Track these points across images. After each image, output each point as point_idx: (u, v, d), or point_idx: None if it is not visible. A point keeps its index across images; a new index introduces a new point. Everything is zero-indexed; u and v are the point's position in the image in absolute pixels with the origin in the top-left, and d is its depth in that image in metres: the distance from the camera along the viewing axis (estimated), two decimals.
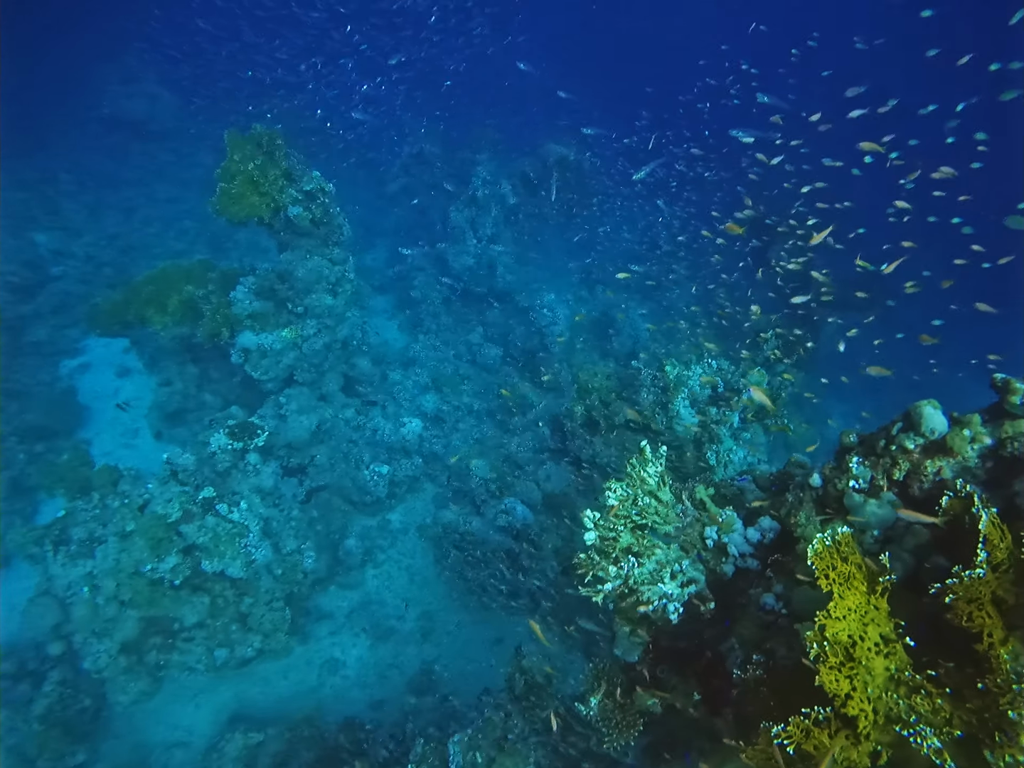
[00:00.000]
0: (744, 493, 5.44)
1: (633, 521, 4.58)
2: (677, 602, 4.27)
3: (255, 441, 9.39)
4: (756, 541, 4.50)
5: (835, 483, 4.08)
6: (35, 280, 15.50)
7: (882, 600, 3.19)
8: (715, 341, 19.46)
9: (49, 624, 8.19)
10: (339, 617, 11.18)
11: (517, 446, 11.97)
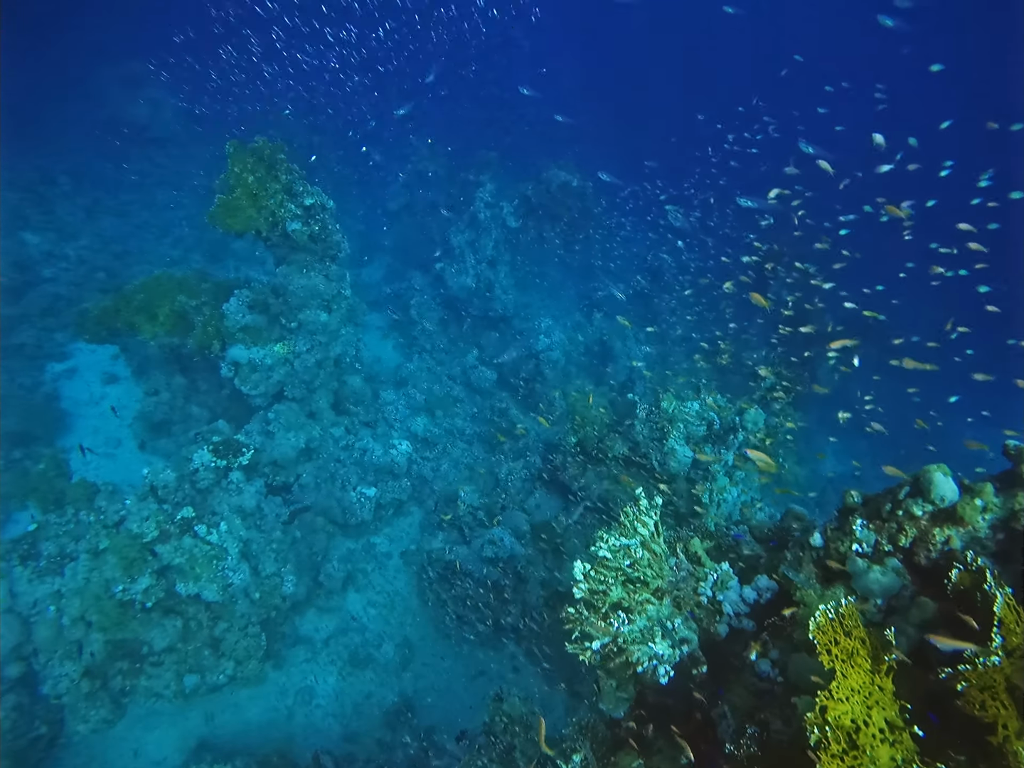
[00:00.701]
0: (740, 545, 5.27)
1: (625, 574, 4.38)
2: (668, 664, 4.06)
3: (239, 459, 9.14)
4: (752, 601, 4.31)
5: (837, 545, 3.91)
6: (23, 281, 15.27)
7: (887, 680, 3.00)
8: (710, 375, 19.49)
9: (9, 644, 7.84)
10: (316, 642, 10.85)
11: (507, 473, 11.75)
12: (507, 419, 14.36)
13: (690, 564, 4.63)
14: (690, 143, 22.07)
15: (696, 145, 20.88)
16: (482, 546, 10.36)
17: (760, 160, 17.41)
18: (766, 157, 17.15)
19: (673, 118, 31.27)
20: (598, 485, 10.97)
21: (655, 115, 32.80)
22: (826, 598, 3.72)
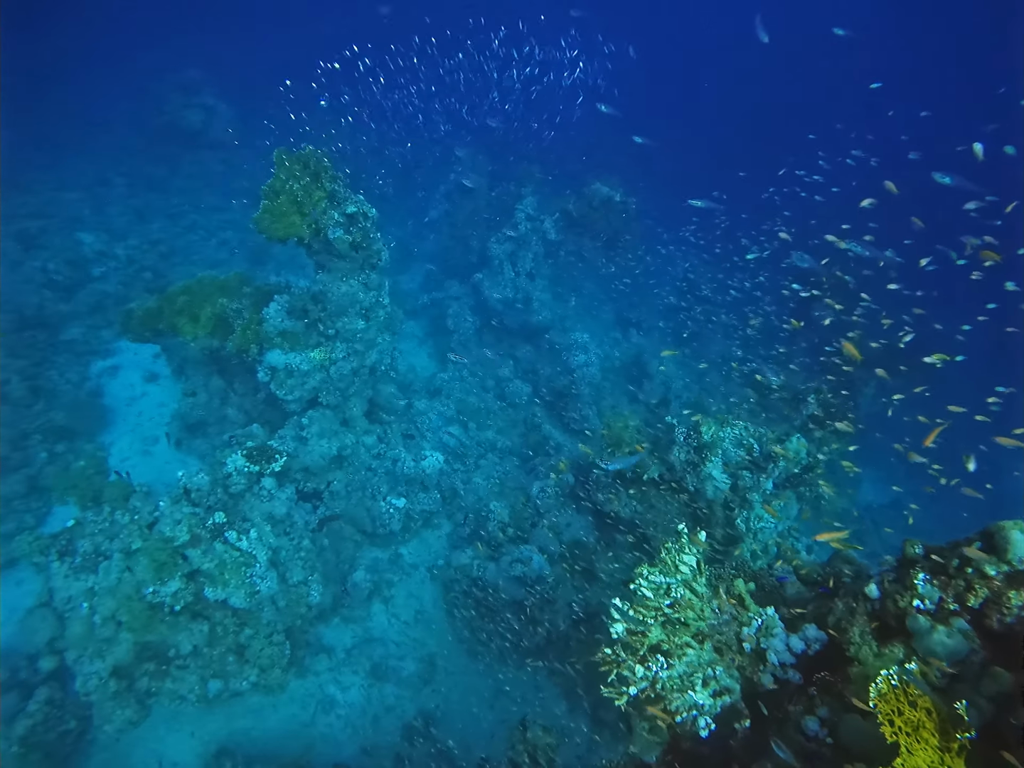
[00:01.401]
0: (784, 587, 5.00)
1: (664, 614, 4.17)
2: (708, 715, 3.83)
3: (272, 466, 9.15)
4: (800, 651, 4.05)
5: (896, 599, 3.64)
6: (76, 279, 15.71)
7: (959, 762, 2.74)
8: (749, 398, 19.02)
9: (44, 638, 7.95)
10: (339, 652, 10.79)
11: (539, 491, 11.56)
12: (540, 434, 14.19)
13: (733, 607, 4.39)
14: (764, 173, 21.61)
15: (770, 178, 20.41)
16: (511, 564, 10.18)
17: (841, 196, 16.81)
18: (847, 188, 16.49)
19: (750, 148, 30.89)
20: (630, 507, 10.71)
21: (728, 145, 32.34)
22: (883, 658, 3.46)
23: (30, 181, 18.77)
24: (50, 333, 14.49)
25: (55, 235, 16.89)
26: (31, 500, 11.55)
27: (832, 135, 19.37)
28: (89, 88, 25.72)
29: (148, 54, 28.51)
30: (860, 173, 16.88)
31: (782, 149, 22.61)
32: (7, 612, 10.33)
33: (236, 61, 29.98)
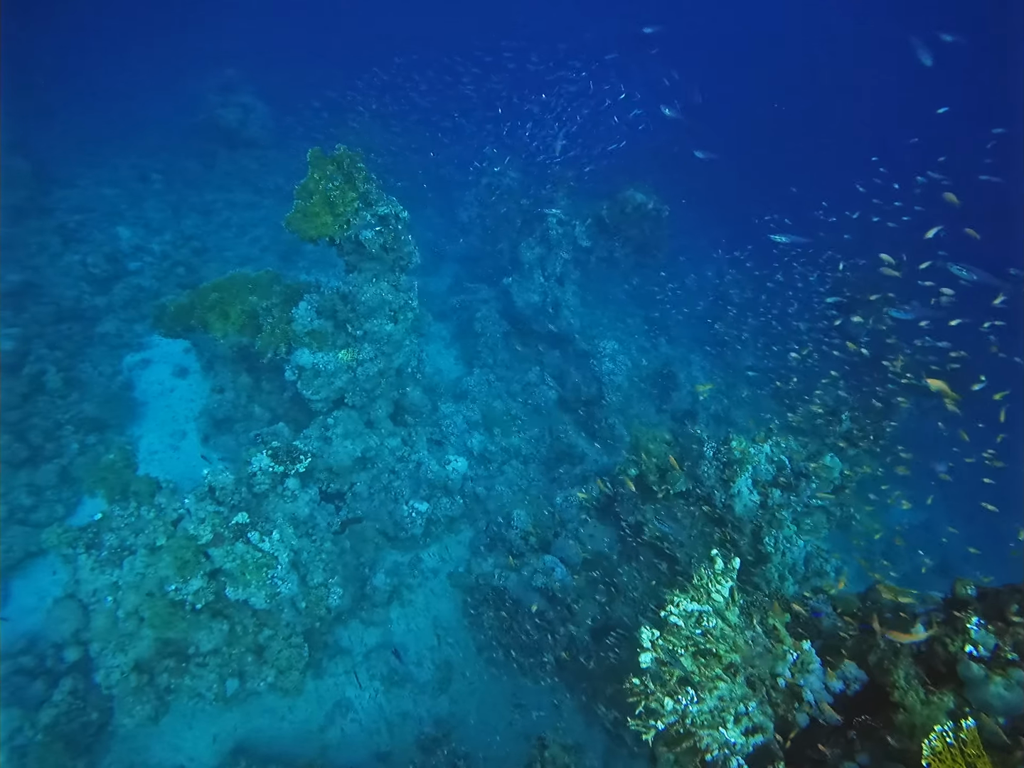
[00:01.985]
0: (821, 618, 4.79)
1: (696, 644, 4.00)
2: (740, 756, 3.65)
3: (296, 466, 9.14)
4: (838, 691, 3.85)
5: (946, 643, 3.43)
6: (113, 273, 15.96)
7: None
8: (779, 413, 18.65)
9: (70, 629, 8.04)
10: (357, 655, 10.75)
11: (563, 500, 11.41)
12: (565, 442, 14.02)
13: (767, 639, 4.20)
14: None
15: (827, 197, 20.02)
16: (532, 574, 10.04)
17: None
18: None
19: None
20: (656, 521, 10.50)
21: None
22: (932, 706, 3.26)
23: (72, 176, 19.16)
24: (86, 325, 14.74)
25: (94, 229, 17.21)
26: (62, 490, 11.73)
27: (895, 156, 18.72)
28: (131, 86, 26.26)
29: (188, 53, 29.03)
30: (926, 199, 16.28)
31: (844, 169, 22.12)
32: (39, 599, 10.51)
33: (274, 60, 30.40)
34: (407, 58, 22.98)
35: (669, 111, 13.18)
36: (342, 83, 25.83)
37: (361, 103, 23.39)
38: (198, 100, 21.57)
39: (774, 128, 35.22)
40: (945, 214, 11.53)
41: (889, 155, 19.63)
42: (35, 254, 15.76)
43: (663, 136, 20.13)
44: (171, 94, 25.09)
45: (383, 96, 23.62)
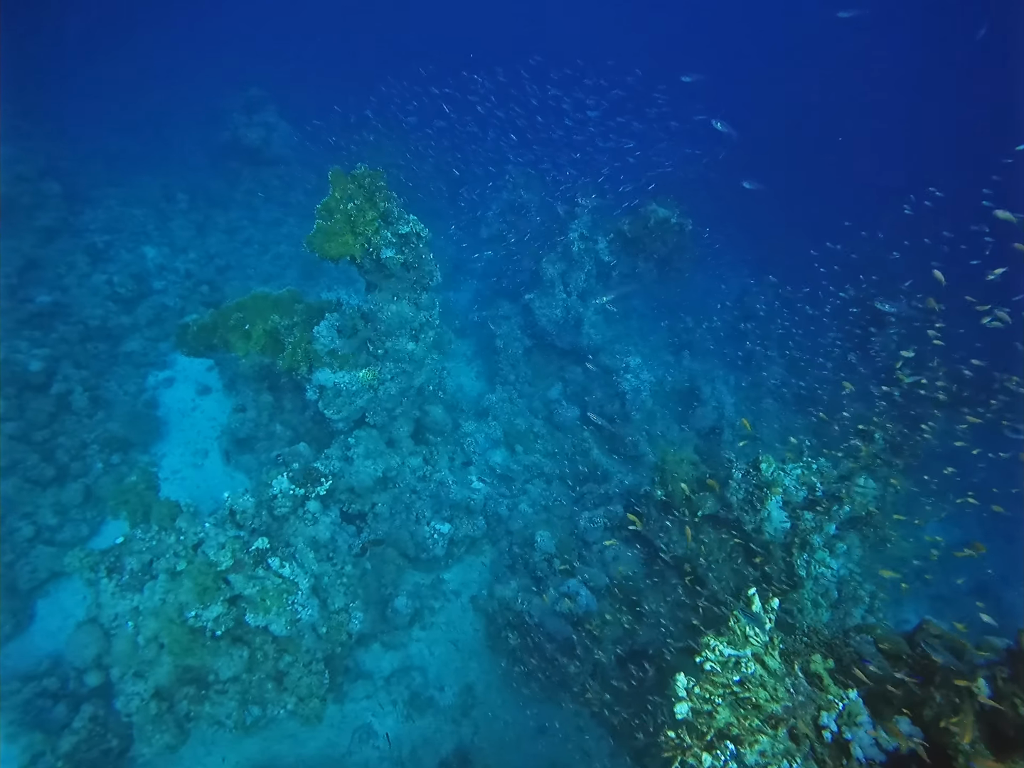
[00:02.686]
0: (867, 668, 4.51)
1: (734, 692, 3.77)
2: None
3: (317, 489, 9.05)
4: (892, 749, 3.59)
5: (1016, 705, 3.16)
6: (139, 292, 16.14)
7: None
8: (806, 428, 18.22)
9: (91, 654, 7.99)
10: (378, 679, 10.59)
11: (587, 522, 11.17)
12: (589, 460, 13.79)
13: (810, 686, 3.95)
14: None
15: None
16: (557, 599, 9.80)
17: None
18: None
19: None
20: (682, 544, 10.21)
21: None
22: None
23: (101, 196, 19.49)
24: (111, 344, 14.90)
25: (121, 249, 17.45)
26: (87, 509, 11.80)
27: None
28: (160, 106, 26.76)
29: (214, 73, 29.58)
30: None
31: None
32: (63, 620, 10.54)
33: (297, 78, 30.87)
34: (429, 72, 23.14)
35: (721, 126, 13.04)
36: (364, 99, 26.20)
37: (381, 119, 23.61)
38: (223, 119, 21.86)
39: (805, 152, 34.84)
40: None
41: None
42: (64, 274, 15.99)
43: (689, 168, 20.11)
44: (197, 114, 25.53)
45: (406, 111, 23.81)
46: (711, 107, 19.20)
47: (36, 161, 17.46)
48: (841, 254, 20.17)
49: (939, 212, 16.90)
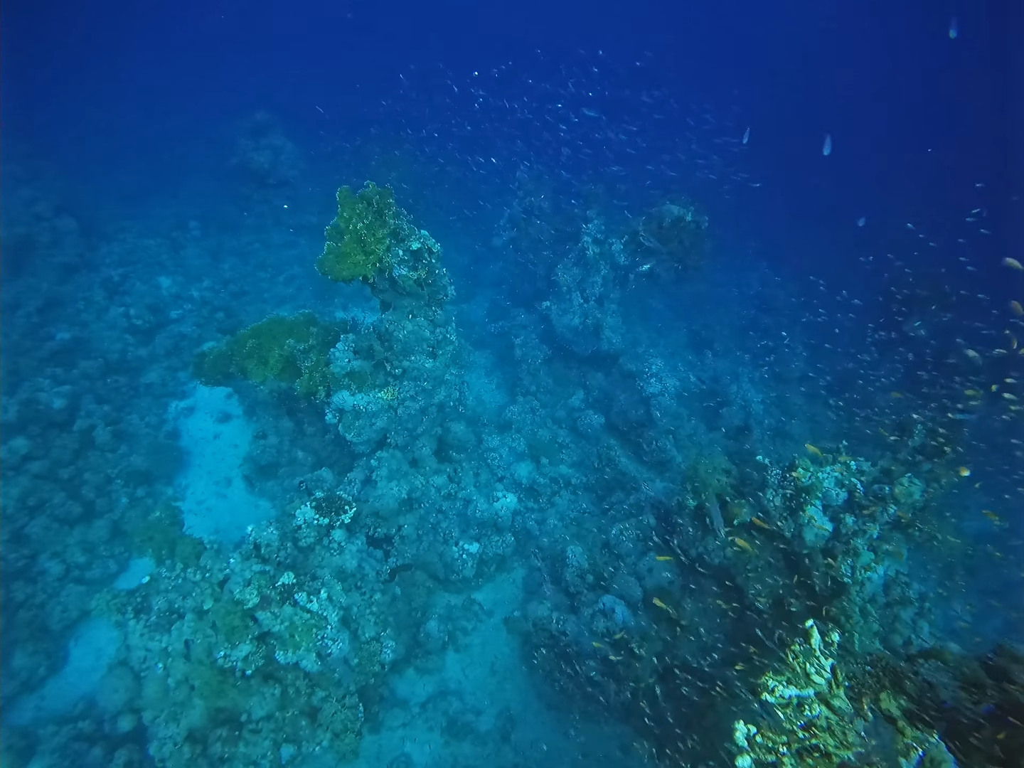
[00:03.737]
0: (934, 687, 4.17)
1: (800, 739, 3.47)
2: None
3: (342, 517, 8.87)
4: None
5: None
6: (155, 323, 16.19)
7: None
8: (838, 423, 17.70)
9: (122, 698, 7.87)
10: (413, 706, 10.36)
11: (618, 533, 10.86)
12: (616, 468, 13.48)
13: (883, 728, 3.63)
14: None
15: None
16: (592, 617, 9.50)
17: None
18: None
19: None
20: (720, 554, 9.86)
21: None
22: None
23: (115, 229, 19.65)
24: (131, 377, 14.92)
25: (137, 281, 17.54)
26: (114, 546, 11.76)
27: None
28: (168, 136, 27.06)
29: (221, 99, 29.86)
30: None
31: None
32: (96, 659, 10.46)
33: (301, 99, 31.03)
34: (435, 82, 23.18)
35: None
36: (371, 111, 26.27)
37: (391, 129, 23.62)
38: (230, 145, 21.91)
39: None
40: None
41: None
42: (83, 310, 16.11)
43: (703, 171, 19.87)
44: (205, 141, 25.71)
45: (414, 122, 23.84)
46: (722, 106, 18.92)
47: (52, 199, 17.63)
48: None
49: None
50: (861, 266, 21.08)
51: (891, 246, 18.87)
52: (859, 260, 23.02)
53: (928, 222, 18.52)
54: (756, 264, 22.99)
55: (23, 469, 11.82)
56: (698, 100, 21.83)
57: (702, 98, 21.86)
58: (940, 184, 29.70)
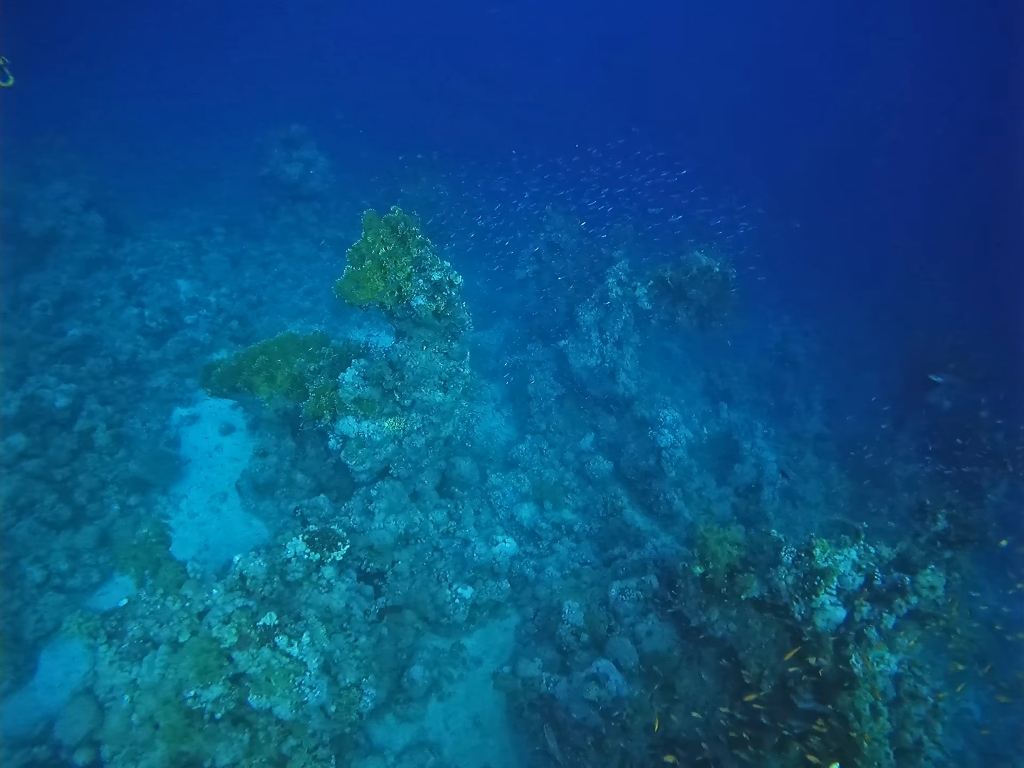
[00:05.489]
0: None
1: None
2: None
3: (334, 554, 8.50)
4: None
5: None
6: (169, 326, 16.05)
7: None
8: (853, 489, 17.16)
9: (83, 730, 7.46)
10: (389, 755, 9.83)
11: (618, 592, 10.39)
12: (621, 519, 13.04)
13: None
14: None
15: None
16: (584, 682, 9.00)
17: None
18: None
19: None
20: (724, 626, 9.37)
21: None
22: None
23: (141, 229, 19.68)
24: (139, 379, 14.74)
25: (156, 282, 17.46)
26: (100, 554, 11.42)
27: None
28: (204, 141, 27.35)
29: (260, 106, 30.21)
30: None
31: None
32: (66, 675, 10.02)
33: (338, 114, 31.40)
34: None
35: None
36: (409, 134, 26.41)
37: (423, 152, 23.67)
38: (264, 154, 21.99)
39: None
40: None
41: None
42: (98, 307, 16.01)
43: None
44: (240, 149, 25.89)
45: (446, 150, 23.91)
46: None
47: (82, 194, 17.66)
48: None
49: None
50: (888, 326, 20.67)
51: (924, 313, 18.50)
52: (885, 319, 22.58)
53: (963, 292, 18.19)
54: (779, 316, 22.65)
55: (17, 467, 11.57)
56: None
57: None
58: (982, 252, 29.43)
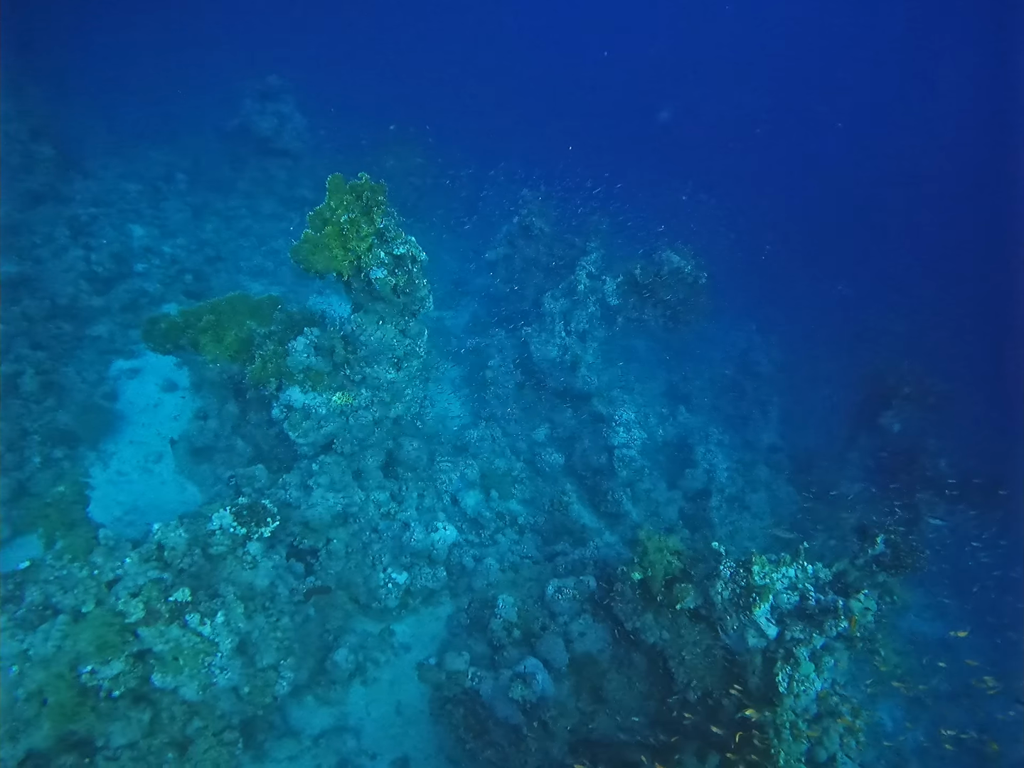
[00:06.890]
0: None
1: None
2: None
3: (262, 530, 8.09)
4: None
5: None
6: (117, 273, 15.20)
7: None
8: (799, 503, 17.35)
9: None
10: (305, 739, 9.50)
11: (555, 591, 10.23)
12: (567, 515, 12.88)
13: None
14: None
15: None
16: (511, 681, 8.83)
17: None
18: None
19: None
20: (657, 633, 9.29)
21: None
22: None
23: (96, 167, 18.61)
24: (77, 326, 13.92)
25: (107, 225, 16.52)
26: (12, 508, 10.74)
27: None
28: (173, 82, 25.98)
29: (236, 52, 28.88)
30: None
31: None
32: None
33: (320, 71, 30.20)
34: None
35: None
36: (394, 102, 25.55)
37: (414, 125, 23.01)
38: (237, 105, 20.97)
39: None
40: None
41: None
42: (40, 245, 15.03)
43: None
44: (212, 95, 24.70)
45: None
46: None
47: (30, 121, 16.53)
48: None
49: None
50: (850, 344, 20.89)
51: (888, 337, 18.76)
52: (849, 336, 22.80)
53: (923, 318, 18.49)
54: (746, 324, 22.73)
55: None
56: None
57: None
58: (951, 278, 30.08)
